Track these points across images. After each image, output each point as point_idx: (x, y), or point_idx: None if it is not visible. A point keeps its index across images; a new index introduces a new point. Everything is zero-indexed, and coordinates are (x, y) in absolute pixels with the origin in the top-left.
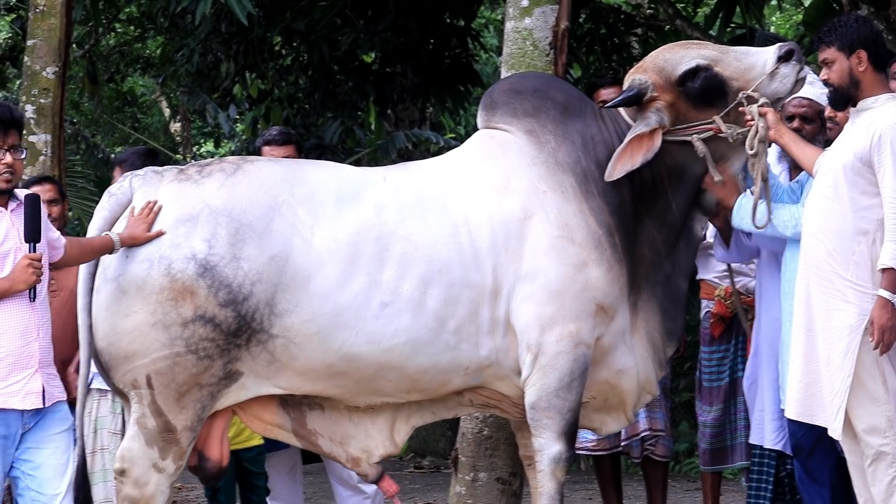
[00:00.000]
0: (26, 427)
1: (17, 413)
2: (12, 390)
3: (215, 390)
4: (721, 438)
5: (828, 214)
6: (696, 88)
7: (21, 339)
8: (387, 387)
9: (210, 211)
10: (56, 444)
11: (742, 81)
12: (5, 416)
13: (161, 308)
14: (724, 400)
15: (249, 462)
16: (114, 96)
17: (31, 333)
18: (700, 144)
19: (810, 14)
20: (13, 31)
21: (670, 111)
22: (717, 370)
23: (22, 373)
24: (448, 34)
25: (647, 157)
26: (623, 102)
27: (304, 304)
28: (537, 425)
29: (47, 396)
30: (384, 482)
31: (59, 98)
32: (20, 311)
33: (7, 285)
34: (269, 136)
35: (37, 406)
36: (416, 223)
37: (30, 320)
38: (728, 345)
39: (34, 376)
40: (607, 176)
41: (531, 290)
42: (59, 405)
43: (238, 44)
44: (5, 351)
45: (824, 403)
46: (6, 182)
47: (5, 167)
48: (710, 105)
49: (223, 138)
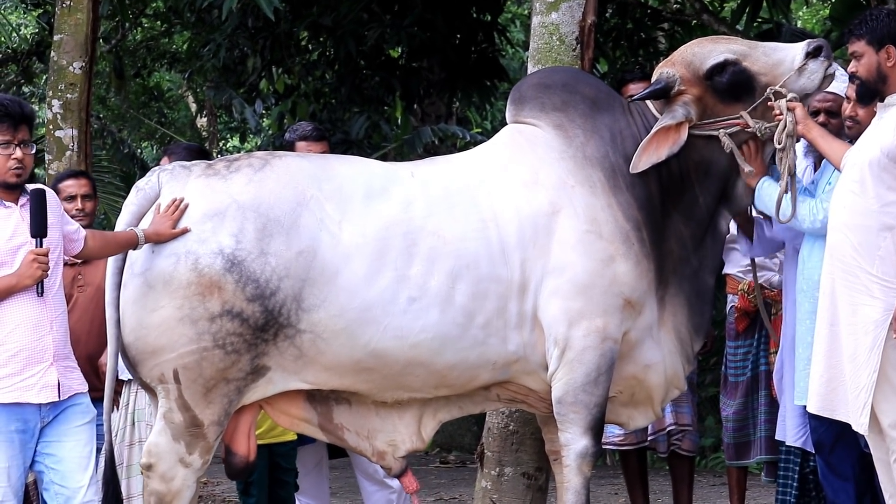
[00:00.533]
0: (45, 421)
1: (34, 407)
2: (28, 384)
3: (242, 385)
4: (744, 433)
5: (853, 210)
6: (724, 83)
7: (34, 334)
8: (414, 382)
9: (238, 206)
10: (78, 436)
11: (770, 77)
12: (22, 410)
13: (188, 303)
14: (745, 394)
15: (281, 457)
16: (140, 91)
17: (43, 327)
18: (727, 139)
19: (837, 9)
20: (40, 26)
21: (697, 105)
22: (741, 364)
23: (37, 366)
24: (475, 29)
25: (672, 151)
26: (650, 95)
27: (331, 299)
28: (564, 420)
29: (63, 389)
30: (406, 477)
31: (85, 93)
32: (30, 306)
33: (14, 281)
34: (304, 131)
35: (52, 399)
36: (444, 218)
37: (42, 314)
38: (752, 339)
39: (49, 370)
40: (632, 168)
41: (559, 285)
42: (80, 397)
43: (264, 39)
44: (19, 345)
45: (846, 398)
46: (16, 177)
47: (16, 162)
48: (738, 100)
49: (249, 133)
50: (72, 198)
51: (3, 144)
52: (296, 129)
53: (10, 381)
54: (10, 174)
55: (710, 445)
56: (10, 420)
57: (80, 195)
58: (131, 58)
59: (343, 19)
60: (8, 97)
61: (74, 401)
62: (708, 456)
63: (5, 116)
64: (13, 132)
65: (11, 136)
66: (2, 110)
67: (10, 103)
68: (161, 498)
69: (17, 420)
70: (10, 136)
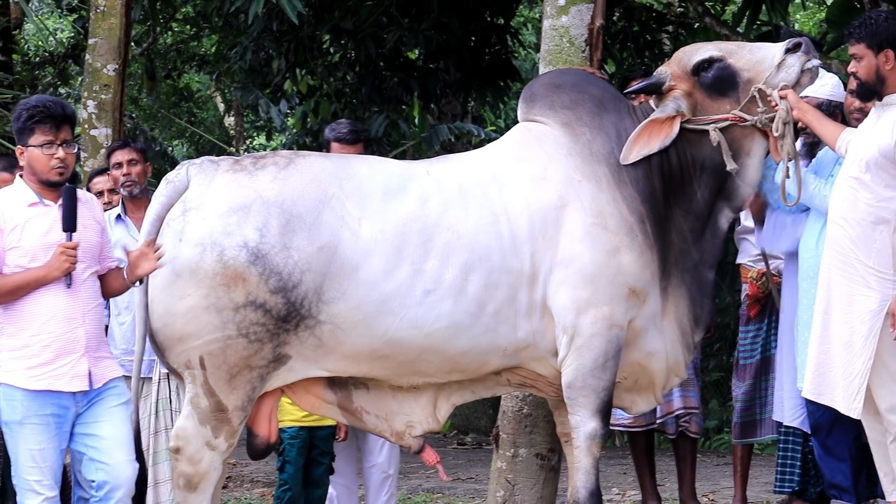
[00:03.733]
0: (80, 407)
1: (68, 394)
2: (59, 373)
3: (265, 372)
4: (751, 412)
5: (851, 203)
6: (710, 78)
7: (66, 325)
8: (428, 368)
9: (263, 201)
10: (114, 416)
11: (753, 73)
12: (58, 396)
13: (214, 293)
14: (754, 375)
15: (320, 440)
16: (171, 92)
17: (75, 319)
18: (715, 133)
19: (833, 12)
20: (75, 30)
21: (688, 100)
22: (750, 347)
23: (68, 357)
24: (488, 32)
25: (664, 143)
26: (642, 89)
27: (351, 292)
28: (573, 404)
29: (95, 379)
30: (426, 453)
31: (119, 94)
32: (61, 298)
33: (43, 273)
34: (339, 133)
35: (83, 388)
36: (458, 213)
37: (74, 306)
38: (761, 323)
39: (80, 360)
40: (622, 159)
41: (567, 275)
42: (113, 381)
43: (289, 42)
44: (51, 336)
45: (834, 384)
46: (59, 175)
47: (58, 161)
48: (724, 95)
49: (275, 132)
50: (119, 164)
51: (46, 144)
52: (333, 129)
53: (43, 370)
54: (52, 173)
55: (713, 427)
56: (45, 405)
57: (125, 161)
58: (162, 60)
59: (363, 23)
60: (51, 98)
61: (112, 384)
62: (711, 437)
63: (47, 118)
64: (55, 132)
65: (54, 137)
66: (44, 111)
67: (52, 104)
68: (189, 479)
69: (52, 405)
70: (52, 137)
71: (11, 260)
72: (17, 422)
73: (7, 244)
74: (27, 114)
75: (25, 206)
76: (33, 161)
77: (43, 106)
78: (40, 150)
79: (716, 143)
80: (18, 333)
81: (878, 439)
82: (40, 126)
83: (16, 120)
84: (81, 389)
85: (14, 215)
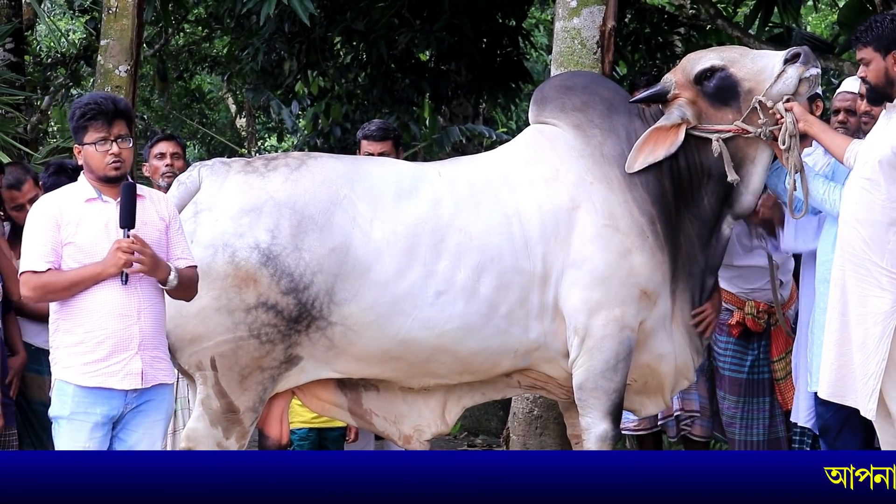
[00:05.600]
0: (128, 407)
1: (119, 392)
2: (112, 370)
3: (276, 374)
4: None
5: (863, 205)
6: (712, 87)
7: (121, 322)
8: (440, 369)
9: (274, 203)
10: (155, 432)
11: (753, 83)
12: (109, 395)
13: (225, 294)
14: (740, 394)
15: (330, 441)
16: (182, 93)
17: (130, 317)
18: (718, 144)
19: (845, 14)
20: (87, 31)
21: (692, 108)
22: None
23: (122, 354)
24: (500, 33)
25: (670, 151)
26: (648, 98)
27: (363, 293)
28: (584, 405)
29: (147, 377)
30: None
31: (130, 95)
32: (116, 295)
33: (99, 269)
34: (368, 130)
35: (136, 386)
36: (469, 215)
37: (129, 303)
38: (749, 345)
39: (134, 358)
40: (627, 167)
41: (578, 277)
42: (164, 390)
43: (300, 43)
44: (105, 333)
45: (856, 385)
46: (115, 170)
47: (113, 157)
48: (726, 104)
49: (286, 133)
50: (162, 155)
51: (99, 141)
52: (363, 127)
53: (96, 367)
54: (108, 168)
55: None
56: (95, 403)
57: (169, 153)
58: (174, 61)
59: (375, 24)
60: (102, 94)
61: (158, 394)
62: None
63: (98, 114)
64: (108, 128)
65: (107, 133)
66: (95, 108)
67: (103, 100)
68: None
69: (102, 404)
70: (105, 133)
71: (68, 256)
72: (65, 417)
73: (63, 239)
74: (80, 112)
75: (83, 201)
76: (89, 159)
77: (94, 103)
78: (94, 148)
79: (717, 154)
80: (74, 329)
81: (890, 441)
82: (93, 123)
83: (70, 119)
84: (134, 387)
85: (70, 211)
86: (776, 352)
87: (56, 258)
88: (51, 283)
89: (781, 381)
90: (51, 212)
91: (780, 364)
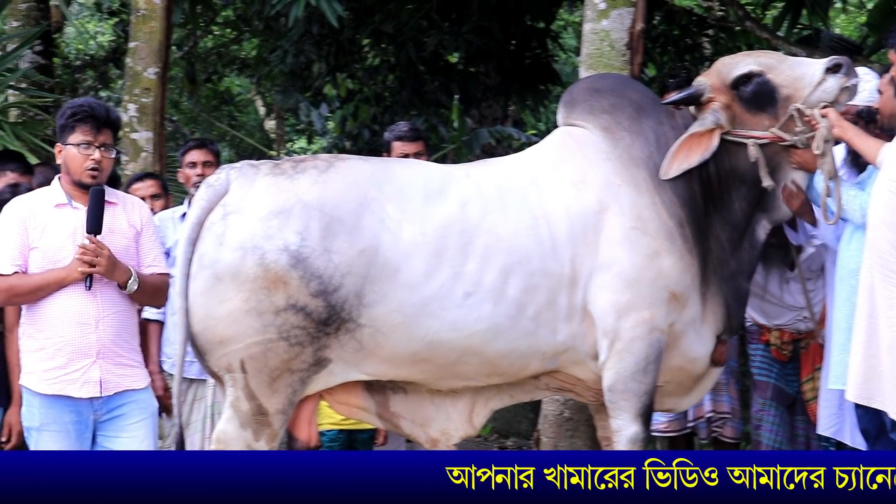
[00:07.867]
0: (98, 415)
1: (83, 401)
2: (71, 378)
3: (305, 376)
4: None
5: (891, 206)
6: (749, 93)
7: (78, 330)
8: (468, 371)
9: (303, 205)
10: (134, 433)
11: (791, 90)
12: (75, 403)
13: (255, 296)
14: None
15: (360, 443)
16: (211, 95)
17: (88, 325)
18: (755, 149)
19: (873, 16)
20: (116, 34)
21: (727, 112)
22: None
23: (81, 362)
24: (529, 36)
25: (704, 156)
26: (681, 100)
27: (391, 295)
28: (615, 407)
29: (108, 385)
30: None
31: (159, 97)
32: (78, 302)
33: (63, 274)
34: (399, 131)
35: (94, 394)
36: (498, 216)
37: (87, 311)
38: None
39: (93, 366)
40: (662, 174)
41: (607, 279)
42: (138, 393)
43: (329, 45)
44: (63, 340)
45: (884, 388)
46: (91, 178)
47: (93, 163)
48: (762, 110)
49: (315, 135)
50: (194, 164)
51: (83, 144)
52: (393, 129)
53: (55, 374)
54: (85, 174)
55: None
56: (63, 411)
57: (200, 162)
58: (203, 63)
59: (404, 26)
60: (97, 101)
61: (132, 397)
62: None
63: (89, 117)
64: (95, 133)
65: (93, 138)
66: (87, 111)
67: (96, 106)
68: None
69: (70, 412)
70: (91, 137)
71: (34, 260)
72: (35, 428)
73: (30, 243)
74: (70, 111)
75: (52, 206)
76: (69, 160)
77: (88, 106)
78: (77, 150)
79: (753, 160)
80: (36, 335)
81: None
82: (81, 125)
83: (59, 117)
84: (92, 396)
85: (39, 215)
86: (805, 373)
87: (24, 261)
88: (17, 286)
89: (811, 401)
90: (20, 214)
91: (809, 385)
